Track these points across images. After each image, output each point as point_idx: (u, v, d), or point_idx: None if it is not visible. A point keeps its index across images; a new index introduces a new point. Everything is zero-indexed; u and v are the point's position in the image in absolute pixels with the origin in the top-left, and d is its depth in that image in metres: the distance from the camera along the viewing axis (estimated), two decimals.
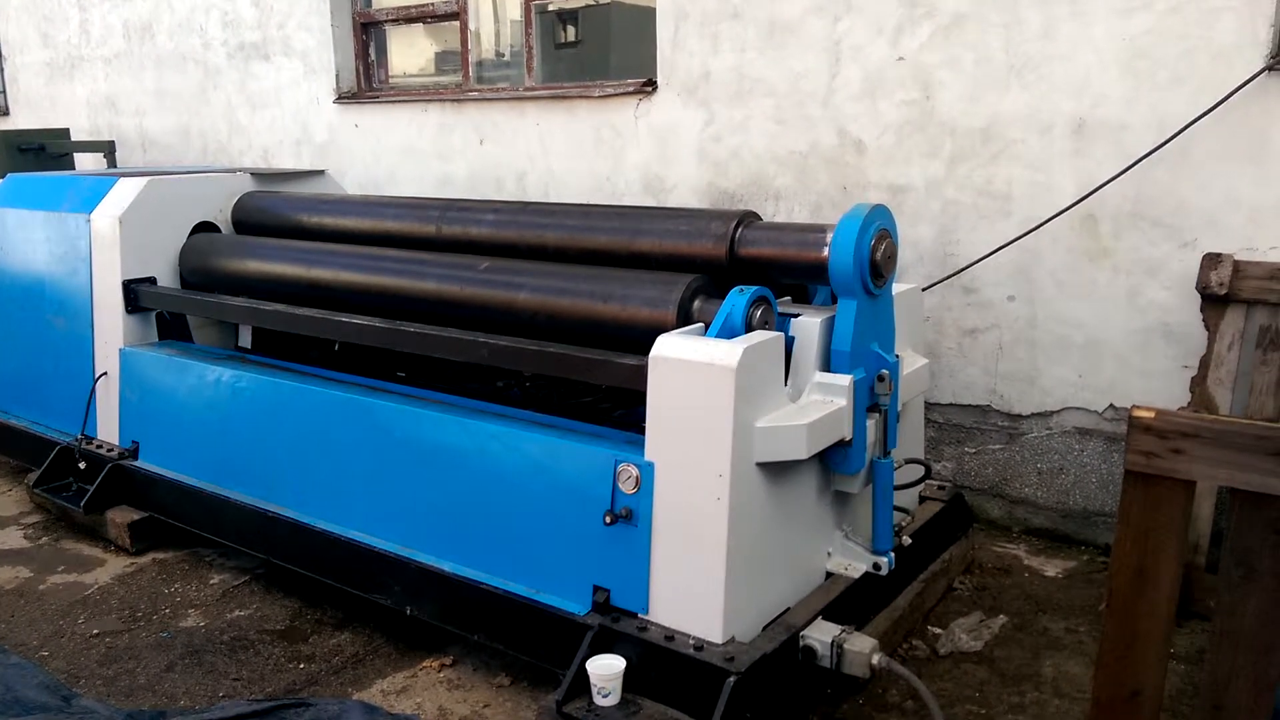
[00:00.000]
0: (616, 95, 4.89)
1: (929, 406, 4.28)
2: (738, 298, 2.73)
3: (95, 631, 3.47)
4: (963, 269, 4.04)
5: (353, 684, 3.12)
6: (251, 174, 4.69)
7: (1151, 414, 1.48)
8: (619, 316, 2.95)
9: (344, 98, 6.19)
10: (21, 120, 8.42)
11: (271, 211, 4.36)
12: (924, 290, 3.94)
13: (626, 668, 2.66)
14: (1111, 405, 3.82)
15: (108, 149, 7.09)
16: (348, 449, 3.40)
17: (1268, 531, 1.42)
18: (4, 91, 8.70)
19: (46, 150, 6.99)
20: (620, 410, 3.43)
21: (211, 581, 3.82)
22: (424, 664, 3.22)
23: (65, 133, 7.44)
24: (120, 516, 4.05)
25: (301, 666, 3.24)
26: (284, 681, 3.15)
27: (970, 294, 4.11)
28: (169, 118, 7.31)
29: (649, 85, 4.79)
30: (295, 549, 3.54)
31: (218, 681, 3.15)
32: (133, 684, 3.14)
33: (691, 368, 2.56)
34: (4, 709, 2.92)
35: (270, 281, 3.94)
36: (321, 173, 5.02)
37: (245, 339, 4.39)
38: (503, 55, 6.55)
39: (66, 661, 3.27)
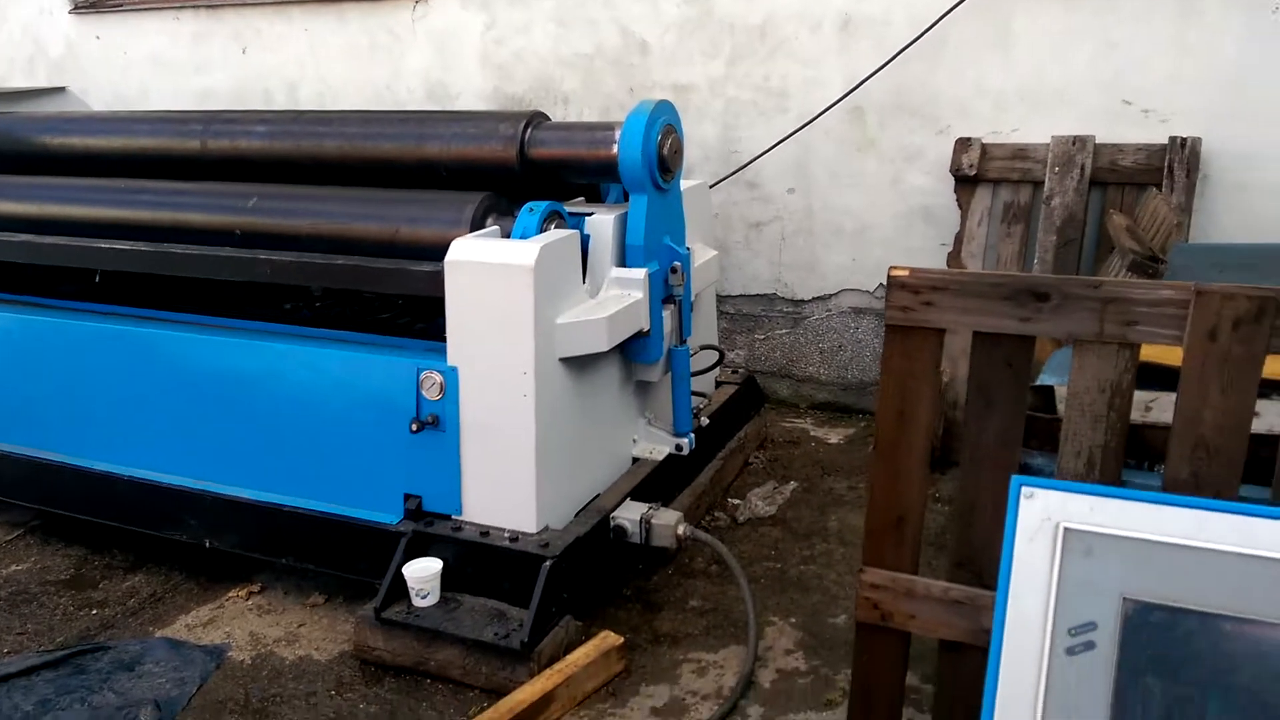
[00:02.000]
0: None
1: (721, 299, 4.47)
2: (529, 218, 2.71)
3: None
4: (745, 165, 4.19)
5: (153, 623, 2.99)
6: None
7: (906, 272, 1.63)
8: (410, 241, 2.84)
9: (81, 7, 5.58)
10: None
11: (8, 135, 3.91)
12: (711, 187, 4.06)
13: (444, 568, 2.68)
14: (881, 284, 4.12)
15: None
16: (124, 385, 3.18)
17: (1002, 366, 1.62)
18: None
19: None
20: (420, 324, 3.37)
21: None
22: (230, 594, 3.12)
23: None
24: None
25: (94, 612, 3.06)
26: (76, 629, 2.97)
27: (754, 189, 4.28)
28: None
29: None
30: (75, 496, 3.31)
31: (1, 638, 2.93)
32: None
33: (489, 269, 2.56)
34: None
35: (10, 223, 3.54)
36: (61, 90, 4.58)
37: None
38: None
39: None
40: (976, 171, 3.75)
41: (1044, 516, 0.99)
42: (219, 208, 3.12)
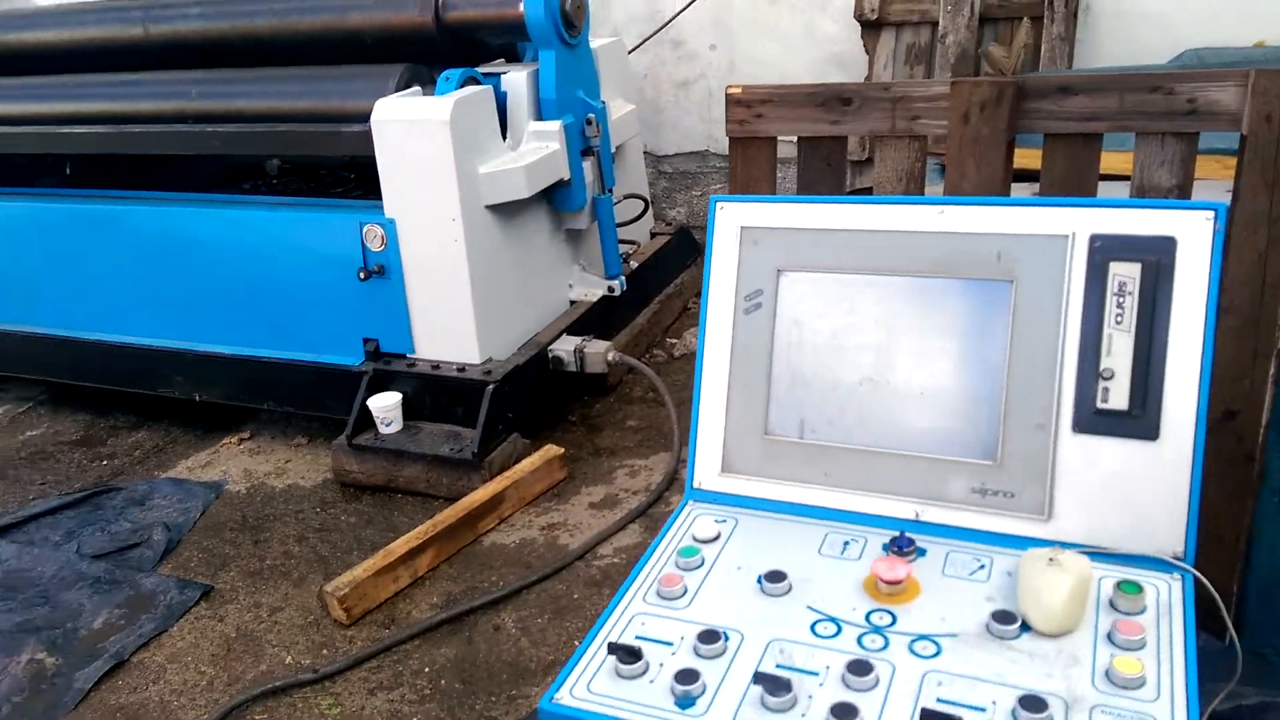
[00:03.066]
0: None
1: (659, 159, 4.74)
2: (445, 85, 2.97)
3: None
4: (666, 23, 4.40)
5: (158, 469, 3.39)
6: None
7: (739, 89, 1.93)
8: (340, 112, 3.09)
9: None
10: None
11: None
12: (634, 49, 4.29)
13: (404, 400, 3.07)
14: None
15: None
16: (106, 260, 3.49)
17: (822, 165, 1.94)
18: None
19: None
20: (362, 190, 3.67)
21: None
22: (224, 442, 3.51)
23: None
24: None
25: (105, 463, 3.47)
26: (90, 477, 3.38)
27: (679, 47, 4.50)
28: None
29: None
30: (74, 365, 3.67)
31: (24, 489, 3.34)
32: None
33: (411, 125, 2.85)
34: None
35: None
36: None
37: None
38: None
39: None
40: (879, 16, 3.97)
41: (731, 221, 1.35)
42: (169, 95, 3.38)
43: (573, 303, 3.51)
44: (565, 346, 3.22)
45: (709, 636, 1.08)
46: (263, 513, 3.07)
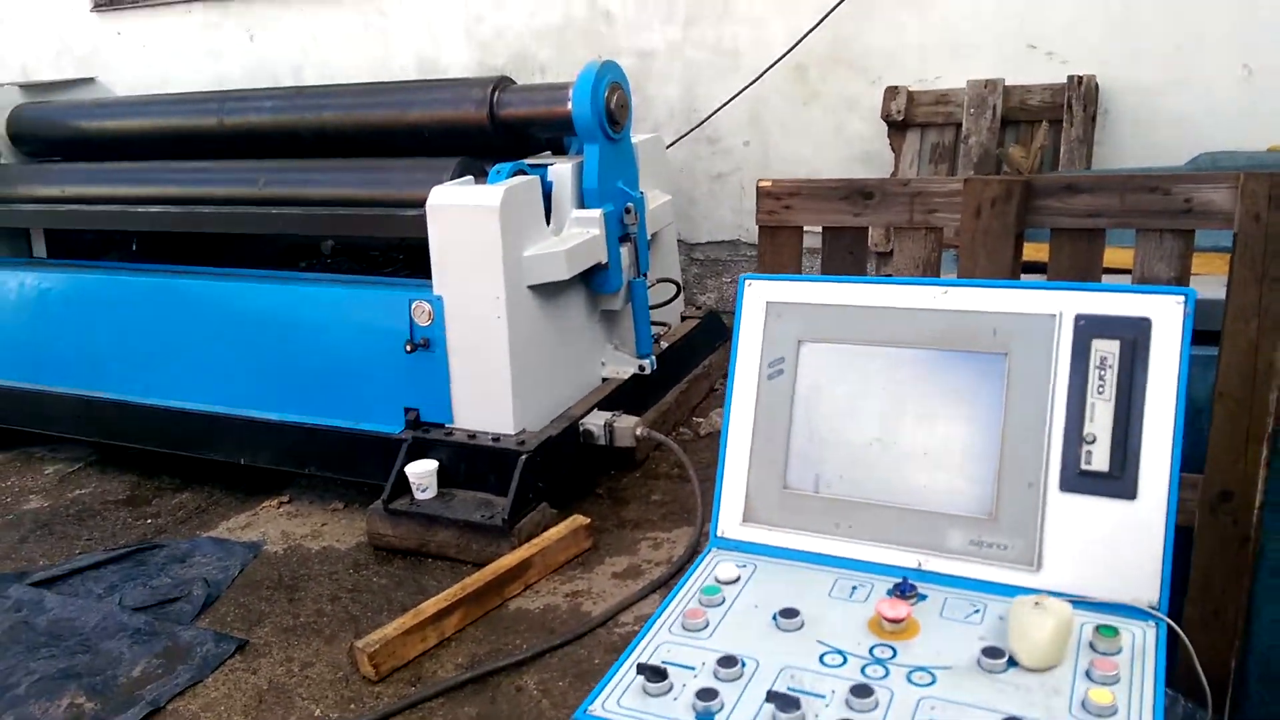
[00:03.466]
0: None
1: (691, 246, 4.96)
2: (496, 177, 3.20)
3: None
4: (703, 121, 4.66)
5: (200, 528, 3.54)
6: (20, 87, 4.70)
7: (770, 183, 2.11)
8: (398, 199, 3.34)
9: (101, 5, 6.10)
10: None
11: (49, 120, 4.44)
12: (673, 144, 4.54)
13: (440, 467, 3.21)
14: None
15: None
16: (164, 329, 3.71)
17: (844, 253, 2.10)
18: None
19: None
20: (409, 270, 3.89)
21: (46, 471, 4.07)
22: (264, 504, 3.66)
23: None
24: None
25: (149, 522, 3.62)
26: (134, 535, 3.52)
27: (714, 143, 4.75)
28: None
29: None
30: (128, 427, 3.85)
31: (71, 544, 3.49)
32: None
33: (463, 210, 3.07)
34: None
35: (63, 201, 4.08)
36: (91, 80, 5.06)
37: (40, 250, 4.52)
38: None
39: None
40: (904, 117, 4.20)
41: (758, 297, 1.51)
42: (238, 181, 3.65)
43: (605, 379, 3.67)
44: (596, 421, 3.36)
45: (727, 661, 1.20)
46: (298, 573, 3.19)
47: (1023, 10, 3.99)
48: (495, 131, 3.47)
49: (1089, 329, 1.29)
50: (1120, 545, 1.25)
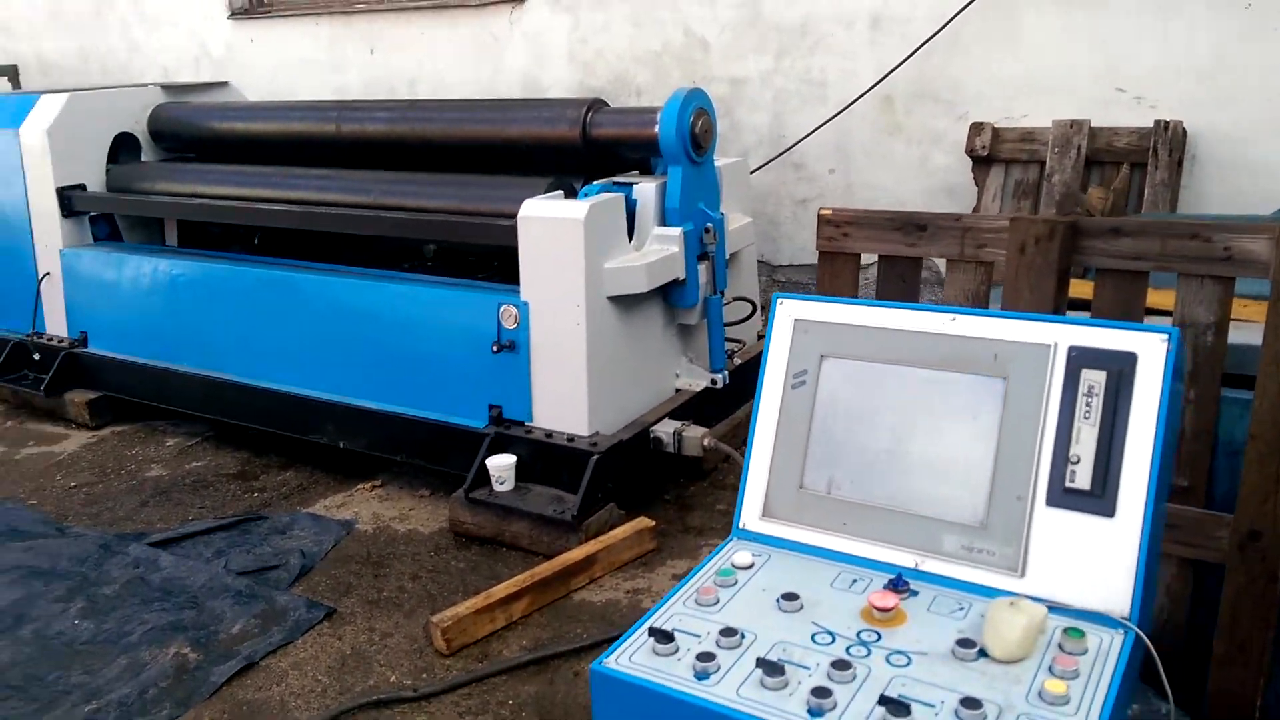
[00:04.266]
0: (492, 4, 5.47)
1: (774, 269, 5.11)
2: (585, 195, 3.42)
3: (73, 484, 4.11)
4: (790, 148, 4.81)
5: (300, 504, 3.85)
6: (162, 87, 5.17)
7: (830, 211, 2.27)
8: (494, 211, 3.59)
9: (237, 13, 6.60)
10: None
11: (185, 120, 4.88)
12: (759, 168, 4.71)
13: (517, 463, 3.44)
14: None
15: (11, 73, 7.35)
16: (279, 318, 4.06)
17: (898, 280, 2.24)
18: None
19: None
20: (502, 276, 4.14)
21: (167, 444, 4.47)
22: (358, 487, 3.96)
23: None
24: (79, 397, 4.65)
25: (255, 495, 3.95)
26: (241, 506, 3.86)
27: (799, 170, 4.90)
28: (65, 40, 7.57)
29: None
30: (241, 407, 4.21)
31: (186, 511, 3.84)
32: (114, 517, 3.81)
33: (551, 222, 3.30)
34: (6, 537, 3.59)
35: (196, 198, 4.50)
36: (225, 84, 5.50)
37: (171, 240, 4.95)
38: None
39: (54, 506, 3.92)
40: (989, 152, 4.28)
41: (787, 314, 1.67)
42: (353, 190, 3.97)
43: (677, 390, 3.84)
44: (666, 429, 3.54)
45: (729, 632, 1.37)
46: (385, 551, 3.45)
47: (1113, 54, 4.03)
48: (587, 150, 3.69)
49: (1080, 359, 1.42)
50: (1097, 558, 1.37)
